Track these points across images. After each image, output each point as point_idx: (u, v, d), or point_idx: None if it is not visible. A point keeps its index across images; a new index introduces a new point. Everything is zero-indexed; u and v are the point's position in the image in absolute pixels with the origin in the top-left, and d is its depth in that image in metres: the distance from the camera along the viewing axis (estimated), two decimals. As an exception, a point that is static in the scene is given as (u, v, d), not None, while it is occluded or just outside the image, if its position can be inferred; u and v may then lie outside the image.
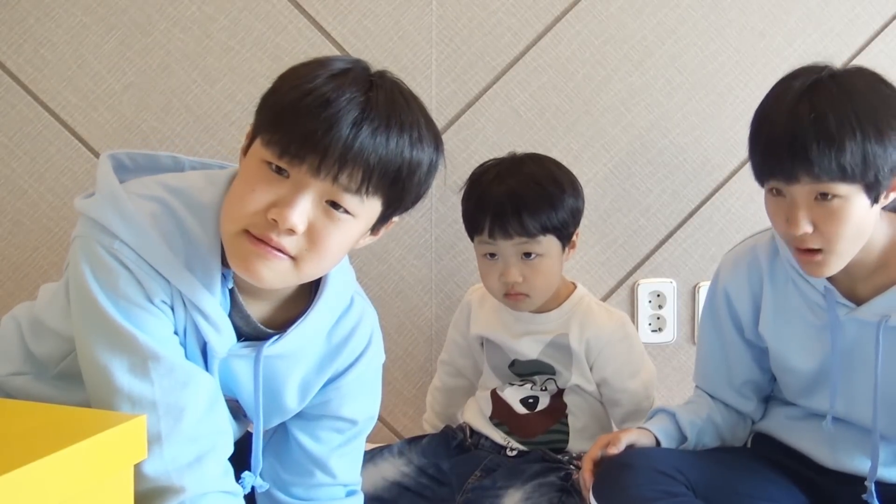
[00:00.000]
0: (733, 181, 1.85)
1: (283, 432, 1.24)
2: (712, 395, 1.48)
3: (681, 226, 1.87)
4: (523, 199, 1.48)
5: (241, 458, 1.15)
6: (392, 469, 1.56)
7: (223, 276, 1.07)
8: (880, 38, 1.80)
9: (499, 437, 1.59)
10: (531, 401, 1.58)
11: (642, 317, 1.88)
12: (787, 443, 1.41)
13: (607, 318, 1.58)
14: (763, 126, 1.23)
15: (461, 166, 1.71)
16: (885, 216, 1.28)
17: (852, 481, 1.32)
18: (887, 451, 1.31)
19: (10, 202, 1.86)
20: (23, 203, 1.86)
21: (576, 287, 1.61)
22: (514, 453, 1.56)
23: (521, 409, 1.58)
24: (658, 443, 1.40)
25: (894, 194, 1.22)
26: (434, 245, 1.87)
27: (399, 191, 1.03)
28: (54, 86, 1.82)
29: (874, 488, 1.29)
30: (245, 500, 1.12)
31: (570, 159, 1.77)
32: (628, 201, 1.86)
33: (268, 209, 0.98)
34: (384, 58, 1.79)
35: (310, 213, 0.99)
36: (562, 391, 1.58)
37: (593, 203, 1.81)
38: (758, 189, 1.81)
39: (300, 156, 0.97)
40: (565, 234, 1.53)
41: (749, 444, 1.50)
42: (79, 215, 1.07)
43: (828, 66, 1.23)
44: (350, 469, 1.26)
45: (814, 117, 1.16)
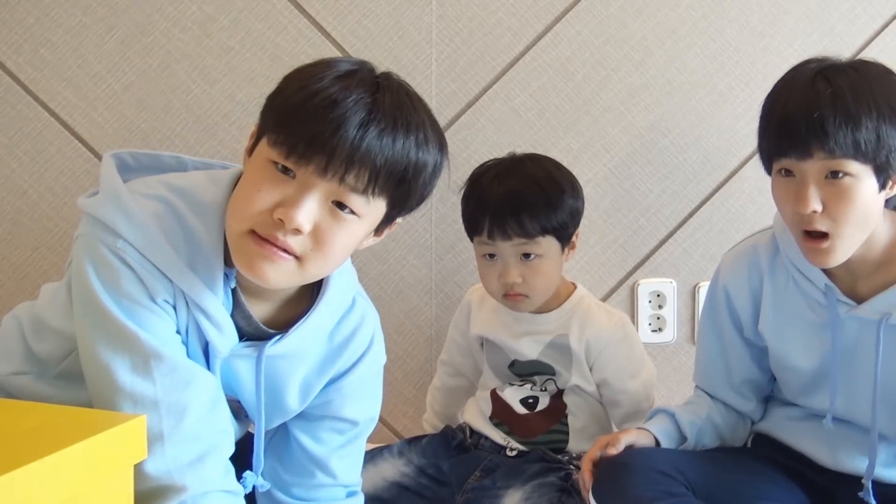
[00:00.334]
0: (733, 181, 1.85)
1: (284, 433, 1.24)
2: (712, 395, 1.48)
3: (681, 226, 1.87)
4: (522, 200, 1.48)
5: (242, 458, 1.15)
6: (392, 469, 1.55)
7: (226, 276, 1.07)
8: (880, 38, 1.80)
9: (499, 437, 1.59)
10: (531, 401, 1.58)
11: (642, 317, 1.88)
12: (787, 443, 1.41)
13: (607, 319, 1.58)
14: (778, 103, 1.24)
15: (461, 166, 1.71)
16: (888, 215, 1.28)
17: (852, 481, 1.32)
18: (887, 451, 1.31)
19: (10, 202, 1.86)
20: (23, 203, 1.86)
21: (576, 287, 1.61)
22: (514, 453, 1.56)
23: (521, 410, 1.58)
24: (658, 443, 1.40)
25: None
26: (434, 245, 1.87)
27: (404, 192, 1.04)
28: (54, 86, 1.82)
29: (871, 487, 1.29)
30: (245, 500, 1.12)
31: (570, 159, 1.77)
32: (628, 201, 1.86)
33: (274, 209, 0.98)
34: (384, 58, 1.79)
35: (315, 214, 0.99)
36: (561, 391, 1.58)
37: (593, 203, 1.81)
38: (758, 189, 1.84)
39: (307, 156, 0.97)
40: (564, 235, 1.53)
41: (749, 445, 1.50)
42: (82, 214, 1.07)
43: (834, 57, 1.25)
44: (350, 470, 1.26)
45: (831, 93, 1.18)
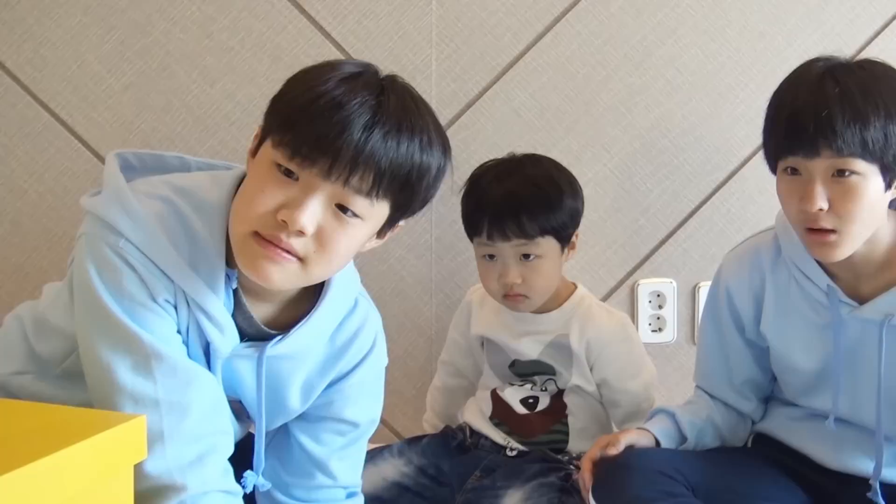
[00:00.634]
0: (733, 181, 1.85)
1: (285, 434, 1.24)
2: (712, 395, 1.48)
3: (681, 226, 1.87)
4: (521, 201, 1.48)
5: (242, 458, 1.15)
6: (392, 469, 1.55)
7: (227, 277, 1.07)
8: (880, 38, 1.80)
9: (499, 437, 1.59)
10: (531, 401, 1.58)
11: (642, 317, 1.88)
12: (788, 443, 1.41)
13: (608, 319, 1.58)
14: (785, 101, 1.24)
15: (461, 166, 1.70)
16: (893, 215, 1.29)
17: (854, 481, 1.32)
18: (889, 452, 1.31)
19: (10, 202, 1.85)
20: (23, 203, 1.86)
21: (576, 287, 1.61)
22: (514, 453, 1.56)
23: (521, 410, 1.58)
24: (658, 443, 1.40)
25: None
26: (434, 245, 1.87)
27: (408, 195, 1.04)
28: (54, 86, 1.82)
29: (879, 487, 1.29)
30: (246, 501, 1.12)
31: (570, 159, 1.76)
32: (628, 201, 1.86)
33: (277, 210, 0.99)
34: (384, 58, 1.79)
35: (319, 216, 0.99)
36: (562, 391, 1.58)
37: (593, 203, 1.81)
38: (758, 189, 1.84)
39: (311, 158, 0.97)
40: (564, 236, 1.52)
41: (749, 445, 1.50)
42: (84, 213, 1.07)
43: (840, 56, 1.25)
44: (351, 471, 1.26)
45: (839, 91, 1.18)
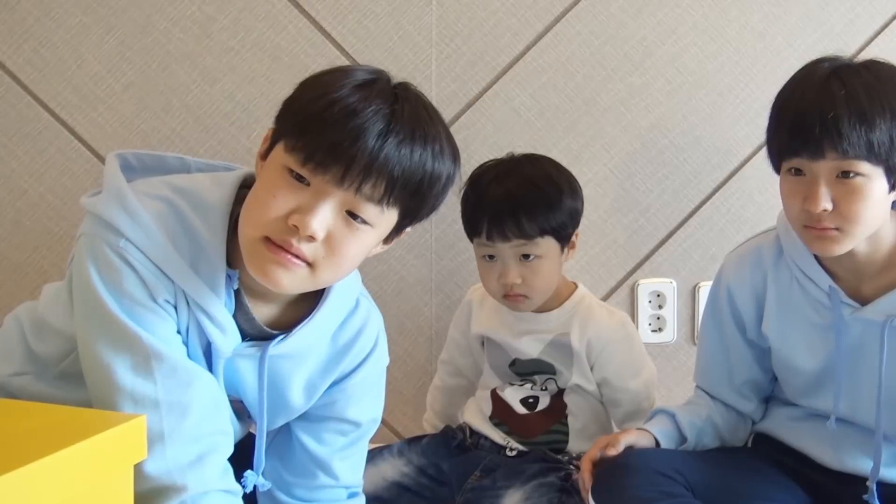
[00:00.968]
0: (733, 181, 1.85)
1: (287, 434, 1.24)
2: (712, 395, 1.48)
3: (681, 226, 1.87)
4: (520, 202, 1.48)
5: (243, 458, 1.15)
6: (392, 469, 1.55)
7: (228, 277, 1.07)
8: (880, 38, 1.80)
9: (498, 437, 1.59)
10: (531, 401, 1.58)
11: (642, 317, 1.88)
12: (789, 443, 1.41)
13: (608, 318, 1.58)
14: (791, 102, 1.23)
15: (461, 166, 1.71)
16: (894, 216, 1.28)
17: (854, 481, 1.32)
18: (890, 452, 1.31)
19: (10, 202, 1.85)
20: (23, 203, 1.85)
21: (577, 287, 1.61)
22: (514, 453, 1.56)
23: (521, 409, 1.58)
24: (657, 444, 1.40)
25: None
26: (434, 245, 1.87)
27: (417, 202, 1.05)
28: (54, 86, 1.82)
29: (876, 489, 1.29)
30: (246, 501, 1.12)
31: (570, 159, 1.77)
32: (628, 201, 1.86)
33: (289, 215, 0.99)
34: (384, 58, 1.79)
35: (329, 222, 1.00)
36: (562, 391, 1.58)
37: (593, 203, 1.81)
38: (758, 189, 1.84)
39: (325, 164, 0.98)
40: (564, 236, 1.52)
41: (749, 445, 1.50)
42: (84, 213, 1.07)
43: (845, 56, 1.25)
44: (352, 471, 1.26)
45: (845, 94, 1.17)
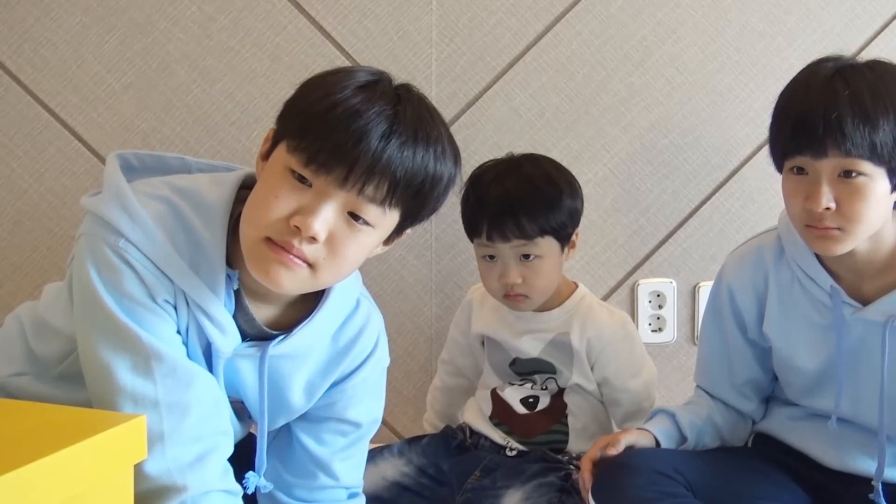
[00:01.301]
0: (733, 181, 1.85)
1: (287, 434, 1.24)
2: (713, 395, 1.48)
3: (681, 226, 1.87)
4: (520, 202, 1.48)
5: (244, 459, 1.15)
6: (392, 469, 1.55)
7: (228, 277, 1.07)
8: (880, 38, 1.80)
9: (498, 437, 1.59)
10: (531, 400, 1.58)
11: (642, 317, 1.88)
12: (789, 443, 1.41)
13: (609, 318, 1.58)
14: (795, 101, 1.24)
15: (461, 166, 1.71)
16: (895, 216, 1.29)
17: (855, 481, 1.32)
18: (892, 451, 1.31)
19: (10, 202, 1.85)
20: (23, 203, 1.85)
21: (577, 287, 1.61)
22: (514, 453, 1.56)
23: (521, 409, 1.58)
24: (658, 443, 1.40)
25: None
26: (434, 245, 1.87)
27: (419, 204, 1.05)
28: (54, 86, 1.82)
29: (881, 488, 1.29)
30: (246, 501, 1.12)
31: (570, 159, 1.77)
32: (628, 201, 1.86)
33: (291, 216, 0.99)
34: (384, 58, 1.79)
35: (331, 223, 1.00)
36: (562, 391, 1.58)
37: (593, 203, 1.81)
38: (758, 189, 1.84)
39: (327, 166, 0.98)
40: (564, 236, 1.52)
41: (749, 445, 1.50)
42: (84, 213, 1.07)
43: (848, 56, 1.25)
44: (353, 472, 1.26)
45: (849, 94, 1.18)
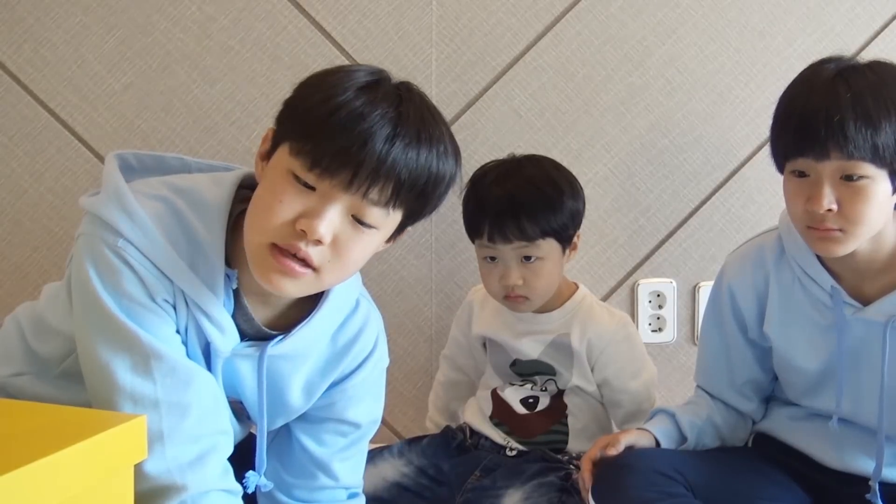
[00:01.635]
0: (733, 181, 1.85)
1: (287, 435, 1.24)
2: (713, 395, 1.48)
3: (681, 226, 1.87)
4: (521, 204, 1.48)
5: (244, 459, 1.15)
6: (392, 469, 1.55)
7: (227, 277, 1.07)
8: (880, 38, 1.80)
9: (498, 437, 1.59)
10: (531, 401, 1.58)
11: (642, 317, 1.88)
12: (790, 443, 1.41)
13: (609, 319, 1.58)
14: (796, 103, 1.23)
15: (462, 167, 1.71)
16: None
17: (856, 481, 1.32)
18: (891, 451, 1.31)
19: (10, 202, 1.85)
20: (23, 203, 1.85)
21: (578, 287, 1.61)
22: (514, 453, 1.56)
23: (521, 409, 1.58)
24: (658, 444, 1.40)
25: None
26: (434, 245, 1.87)
27: (422, 203, 1.05)
28: (54, 86, 1.82)
29: (878, 489, 1.29)
30: (246, 501, 1.12)
31: (570, 159, 1.77)
32: (628, 201, 1.86)
33: (295, 220, 0.99)
34: (384, 58, 1.79)
35: (336, 225, 1.00)
36: (562, 392, 1.58)
37: (593, 203, 1.81)
38: (758, 189, 1.84)
39: (332, 170, 0.98)
40: (565, 237, 1.52)
41: (749, 445, 1.50)
42: (83, 213, 1.07)
43: (849, 57, 1.25)
44: (352, 472, 1.26)
45: (851, 96, 1.17)
